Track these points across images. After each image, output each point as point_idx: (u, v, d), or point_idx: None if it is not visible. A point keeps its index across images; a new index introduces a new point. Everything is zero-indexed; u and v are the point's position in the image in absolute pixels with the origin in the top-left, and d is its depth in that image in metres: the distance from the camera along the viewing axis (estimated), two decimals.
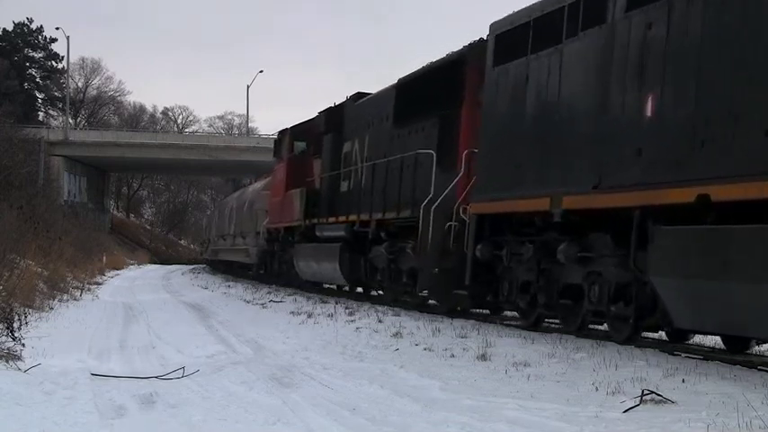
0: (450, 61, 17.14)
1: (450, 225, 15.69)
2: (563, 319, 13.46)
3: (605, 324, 12.71)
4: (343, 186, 22.08)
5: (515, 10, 14.50)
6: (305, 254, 24.26)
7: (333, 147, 22.99)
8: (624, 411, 7.52)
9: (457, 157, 15.93)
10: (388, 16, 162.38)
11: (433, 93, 17.25)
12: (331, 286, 25.98)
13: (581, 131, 11.99)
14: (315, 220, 23.30)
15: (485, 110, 14.82)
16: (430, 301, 18.31)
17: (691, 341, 12.29)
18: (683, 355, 10.54)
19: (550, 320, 14.43)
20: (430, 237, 15.89)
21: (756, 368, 9.51)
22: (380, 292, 21.20)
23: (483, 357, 10.92)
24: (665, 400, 7.71)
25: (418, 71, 18.78)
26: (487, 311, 16.76)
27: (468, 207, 15.11)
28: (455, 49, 17.40)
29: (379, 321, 15.74)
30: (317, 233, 22.83)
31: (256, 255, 32.37)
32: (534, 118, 13.24)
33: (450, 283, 15.71)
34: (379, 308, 18.26)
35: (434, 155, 16.50)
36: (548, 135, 12.76)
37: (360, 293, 23.81)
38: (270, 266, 30.42)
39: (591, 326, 13.13)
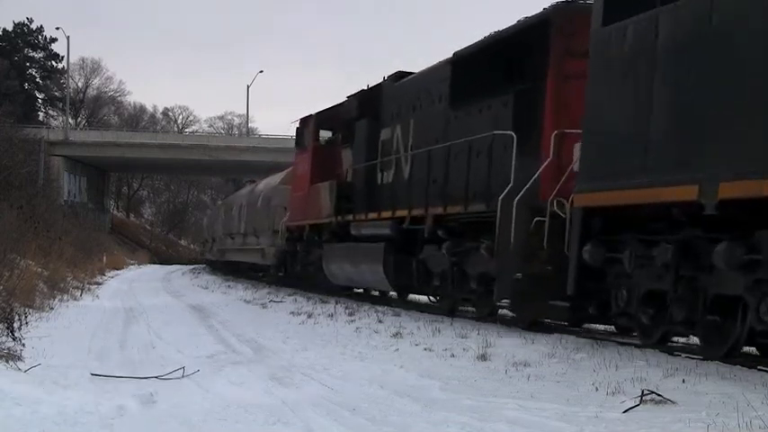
0: (529, 26, 14.42)
1: (540, 221, 12.87)
2: (705, 340, 10.56)
3: None
4: (382, 178, 19.58)
5: None
6: (337, 255, 21.67)
7: (368, 134, 20.36)
8: (624, 411, 7.52)
9: (542, 140, 13.38)
10: (389, 16, 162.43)
11: (505, 65, 14.76)
12: (374, 293, 23.59)
13: (749, 98, 9.07)
14: (349, 217, 20.69)
15: (592, 79, 11.91)
16: (501, 311, 15.99)
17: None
18: (683, 355, 10.53)
19: (678, 339, 12.24)
20: (513, 235, 13.12)
21: (756, 368, 9.51)
22: (433, 298, 18.47)
23: (483, 357, 10.92)
24: (666, 401, 7.71)
25: (482, 41, 16.00)
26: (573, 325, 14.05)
27: (564, 199, 12.56)
28: (527, 15, 14.81)
29: (380, 321, 15.75)
30: (353, 231, 20.30)
31: (274, 255, 29.71)
32: (673, 83, 10.28)
33: (539, 291, 12.80)
34: (379, 308, 18.27)
35: (514, 138, 13.70)
36: (696, 103, 9.81)
37: (359, 293, 23.74)
38: (291, 268, 27.45)
39: (744, 349, 10.61)
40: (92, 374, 9.85)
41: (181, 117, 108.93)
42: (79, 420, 7.43)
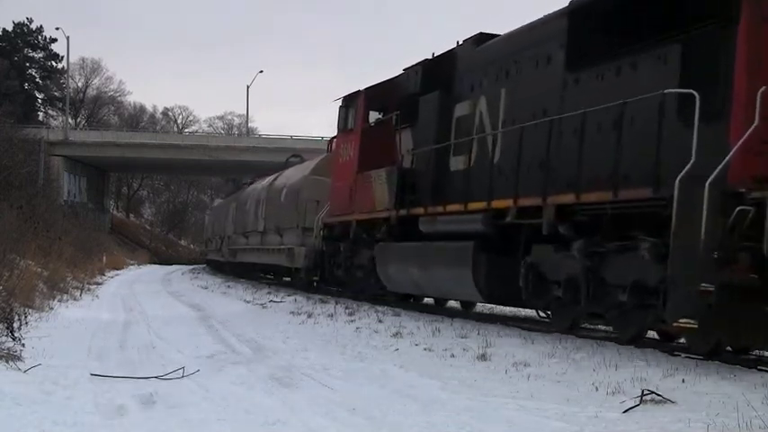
0: None
1: (743, 210, 9.51)
2: None
3: None
4: (457, 163, 16.00)
5: None
6: (398, 256, 18.12)
7: (437, 111, 16.91)
8: (624, 411, 7.53)
9: (733, 100, 10.18)
10: (389, 16, 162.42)
11: (662, 9, 11.56)
12: (454, 304, 20.04)
13: None
14: (418, 210, 16.96)
15: None
16: (679, 339, 12.31)
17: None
18: (683, 355, 10.53)
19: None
20: (703, 230, 9.50)
21: (756, 368, 9.50)
22: (543, 313, 14.69)
23: (483, 357, 10.92)
24: (665, 401, 7.72)
25: None
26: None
27: None
28: None
29: (380, 321, 15.75)
30: (423, 228, 16.68)
31: (305, 257, 25.59)
32: None
33: (739, 309, 9.73)
34: (379, 308, 18.25)
35: (696, 97, 10.21)
36: None
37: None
38: (329, 272, 22.99)
39: None
40: (91, 374, 9.85)
41: (181, 117, 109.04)
42: (79, 420, 7.42)
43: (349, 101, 21.48)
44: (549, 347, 11.30)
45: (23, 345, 10.64)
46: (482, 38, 16.42)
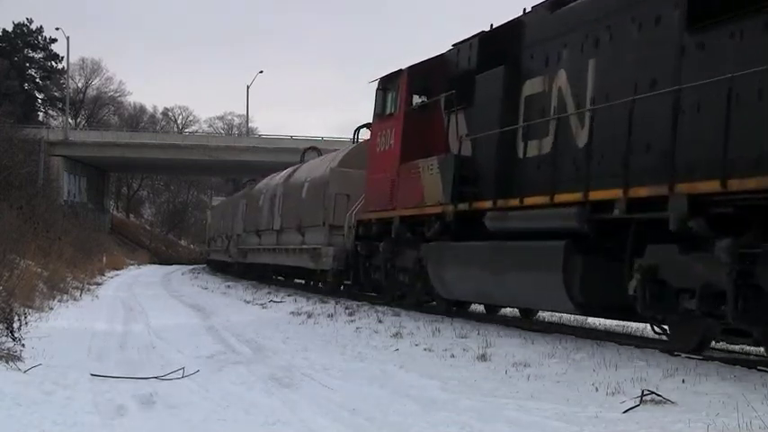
0: None
1: None
2: None
3: None
4: (529, 148, 13.70)
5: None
6: (458, 258, 15.47)
7: (501, 90, 14.56)
8: (624, 412, 7.53)
9: None
10: (389, 16, 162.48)
11: None
12: (512, 313, 18.27)
13: None
14: (484, 204, 14.42)
15: None
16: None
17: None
18: (683, 355, 10.53)
19: None
20: None
21: (756, 368, 9.50)
22: (658, 328, 11.70)
23: (483, 358, 10.92)
24: (665, 401, 7.72)
25: None
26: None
27: None
28: None
29: (379, 321, 15.74)
30: (489, 224, 14.14)
31: (333, 258, 22.85)
32: None
33: None
34: (379, 308, 18.25)
35: None
36: None
37: (359, 293, 23.50)
38: (364, 275, 20.29)
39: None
40: (91, 375, 9.85)
41: (180, 117, 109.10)
42: (79, 421, 7.42)
43: (388, 82, 18.94)
44: (549, 348, 11.30)
45: (23, 345, 10.64)
46: (557, 2, 13.91)
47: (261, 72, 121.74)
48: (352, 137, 26.88)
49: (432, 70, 17.57)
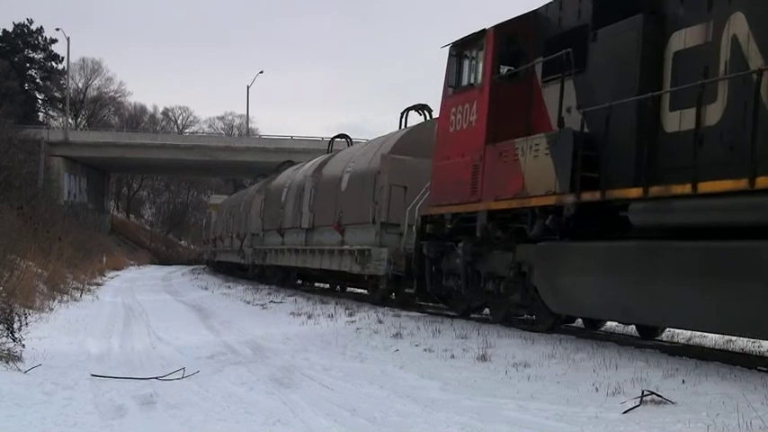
0: None
1: None
2: None
3: None
4: (681, 120, 10.79)
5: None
6: (586, 263, 11.83)
7: (639, 46, 11.45)
8: (624, 412, 7.53)
9: None
10: (388, 16, 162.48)
11: None
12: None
13: None
14: (629, 192, 11.09)
15: None
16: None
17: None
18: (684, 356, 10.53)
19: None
20: None
21: (756, 368, 9.51)
22: None
23: (483, 358, 10.92)
24: (666, 401, 7.72)
25: None
26: None
27: None
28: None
29: (380, 322, 15.73)
30: (636, 218, 10.92)
31: (387, 260, 19.30)
32: None
33: None
34: (380, 309, 18.24)
35: None
36: None
37: (360, 294, 23.44)
38: (433, 281, 16.64)
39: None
40: (92, 375, 9.86)
41: (181, 118, 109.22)
42: (79, 421, 7.43)
43: (465, 47, 15.51)
44: (549, 348, 11.30)
45: (23, 345, 10.63)
46: None
47: (261, 72, 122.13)
48: (399, 122, 23.64)
49: (522, 31, 14.56)
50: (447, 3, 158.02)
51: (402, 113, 23.44)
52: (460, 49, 15.67)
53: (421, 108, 23.41)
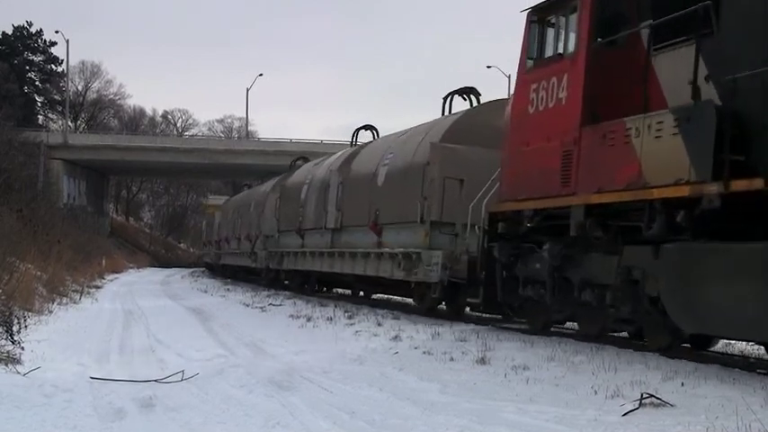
0: None
1: None
2: None
3: None
4: None
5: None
6: (744, 271, 9.20)
7: None
8: (623, 415, 7.53)
9: None
10: (388, 16, 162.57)
11: None
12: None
13: None
14: None
15: None
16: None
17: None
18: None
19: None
20: None
21: (756, 371, 9.51)
22: None
23: (482, 361, 10.92)
24: (665, 404, 7.72)
25: None
26: None
27: None
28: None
29: (379, 325, 15.74)
30: None
31: (441, 265, 16.71)
32: None
33: None
34: (379, 311, 18.24)
35: None
36: None
37: (360, 297, 23.29)
38: (504, 290, 14.17)
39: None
40: (91, 378, 9.86)
41: (180, 120, 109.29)
42: (79, 424, 7.43)
43: (551, 11, 13.18)
44: (548, 351, 11.30)
45: (23, 348, 10.66)
46: None
47: (260, 75, 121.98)
48: (442, 108, 20.90)
49: None
50: (447, 3, 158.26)
51: (445, 98, 20.71)
52: (544, 14, 13.25)
53: (467, 92, 20.67)
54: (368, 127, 27.02)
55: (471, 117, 18.66)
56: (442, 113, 20.57)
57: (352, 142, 27.21)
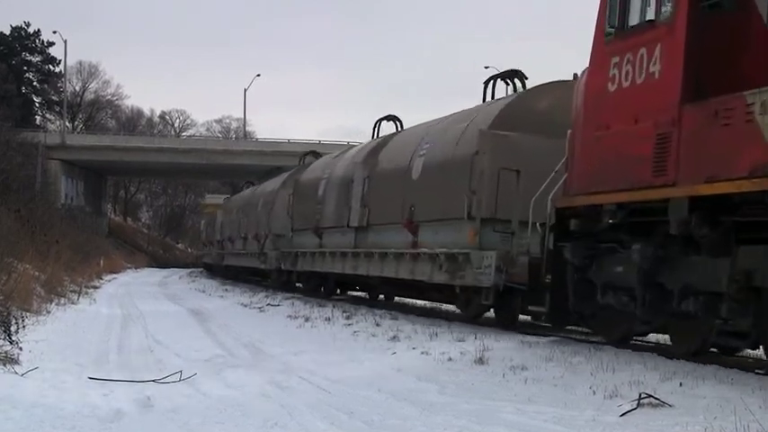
0: None
1: None
2: None
3: None
4: None
5: None
6: None
7: None
8: (621, 415, 7.53)
9: None
10: (388, 16, 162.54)
11: None
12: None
13: None
14: None
15: None
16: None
17: None
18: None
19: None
20: None
21: (754, 372, 9.51)
22: None
23: (480, 361, 10.91)
24: (663, 404, 7.72)
25: None
26: None
27: None
28: None
29: (377, 325, 15.74)
30: None
31: (496, 268, 14.78)
32: None
33: None
34: (377, 311, 18.23)
35: None
36: None
37: (358, 297, 23.29)
38: (576, 298, 12.11)
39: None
40: (89, 378, 9.85)
41: (178, 121, 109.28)
42: (77, 424, 7.42)
43: None
44: (546, 351, 11.30)
45: (21, 348, 10.65)
46: None
47: (258, 75, 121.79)
48: (483, 94, 18.82)
49: None
50: (447, 3, 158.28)
51: (486, 83, 18.76)
52: None
53: (511, 75, 18.67)
54: (391, 117, 25.12)
55: (525, 101, 16.60)
56: (483, 100, 18.65)
57: (373, 134, 25.39)
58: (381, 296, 24.17)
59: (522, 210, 14.23)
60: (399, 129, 24.22)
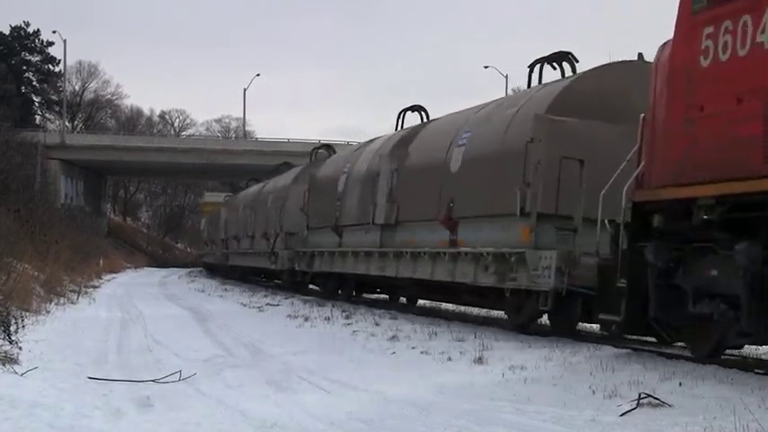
0: None
1: None
2: None
3: None
4: None
5: None
6: None
7: None
8: (621, 415, 7.53)
9: None
10: (388, 16, 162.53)
11: None
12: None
13: None
14: None
15: None
16: None
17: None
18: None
19: None
20: None
21: (753, 371, 9.51)
22: None
23: (480, 361, 10.92)
24: (662, 404, 7.72)
25: None
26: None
27: None
28: None
29: (376, 325, 15.74)
30: None
31: (558, 270, 13.11)
32: None
33: None
34: (376, 311, 18.24)
35: None
36: None
37: (359, 298, 23.38)
38: (659, 305, 10.44)
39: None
40: (88, 378, 9.85)
41: (177, 120, 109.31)
42: (76, 424, 7.42)
43: None
44: (545, 351, 11.30)
45: (20, 348, 10.65)
46: None
47: (258, 75, 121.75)
48: (528, 79, 17.35)
49: None
50: (447, 3, 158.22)
51: (531, 67, 17.16)
52: None
53: (559, 58, 16.75)
54: (416, 108, 23.27)
55: (584, 83, 14.87)
56: (528, 86, 17.17)
57: (397, 125, 23.68)
58: (403, 299, 23.02)
59: (589, 205, 12.45)
60: (424, 120, 22.53)
